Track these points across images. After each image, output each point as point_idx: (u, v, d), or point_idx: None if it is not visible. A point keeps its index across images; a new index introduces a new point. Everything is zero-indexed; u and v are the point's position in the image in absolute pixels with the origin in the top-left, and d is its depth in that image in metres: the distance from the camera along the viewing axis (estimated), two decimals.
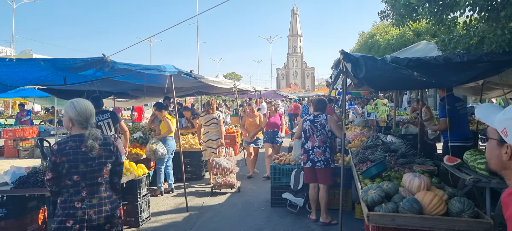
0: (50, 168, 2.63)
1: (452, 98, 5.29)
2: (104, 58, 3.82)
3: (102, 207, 2.69)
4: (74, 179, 2.62)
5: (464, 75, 3.61)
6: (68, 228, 2.57)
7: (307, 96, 38.57)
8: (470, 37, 3.95)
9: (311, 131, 5.32)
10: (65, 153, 2.60)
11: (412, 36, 13.72)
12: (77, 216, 2.59)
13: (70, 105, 2.71)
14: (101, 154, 2.72)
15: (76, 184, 2.63)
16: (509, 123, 1.31)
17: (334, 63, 4.27)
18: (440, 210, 3.19)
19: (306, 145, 5.37)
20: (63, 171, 2.61)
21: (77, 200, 2.62)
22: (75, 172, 2.62)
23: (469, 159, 4.00)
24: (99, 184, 2.72)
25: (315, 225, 5.24)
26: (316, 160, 5.20)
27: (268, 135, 8.19)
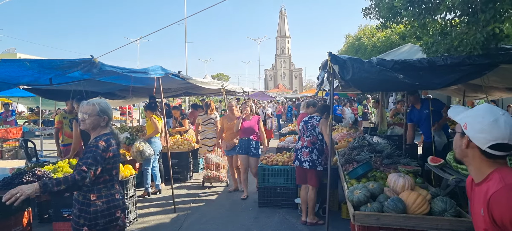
0: (99, 163, 2.64)
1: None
2: (92, 60, 3.79)
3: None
4: (113, 173, 2.83)
5: (447, 78, 3.69)
6: (117, 217, 2.80)
7: (295, 97, 38.76)
8: (451, 40, 4.05)
9: (303, 131, 5.38)
10: (112, 149, 2.75)
11: (398, 39, 13.94)
12: (121, 206, 2.85)
13: (107, 106, 2.85)
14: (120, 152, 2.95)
15: (112, 179, 2.82)
16: (469, 119, 1.61)
17: (322, 64, 4.32)
18: (424, 209, 3.27)
19: (297, 144, 5.47)
20: (108, 166, 2.74)
21: (116, 192, 2.85)
22: (115, 167, 2.83)
23: (451, 159, 4.09)
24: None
25: (301, 226, 5.28)
26: (303, 160, 5.24)
27: (241, 143, 6.65)
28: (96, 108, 2.78)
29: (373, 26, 16.32)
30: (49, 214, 5.43)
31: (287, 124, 16.76)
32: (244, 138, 6.59)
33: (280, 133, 11.47)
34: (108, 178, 2.78)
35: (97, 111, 2.78)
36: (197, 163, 9.09)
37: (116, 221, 2.79)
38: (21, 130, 12.84)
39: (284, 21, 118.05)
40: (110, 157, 2.73)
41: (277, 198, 6.08)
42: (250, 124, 6.61)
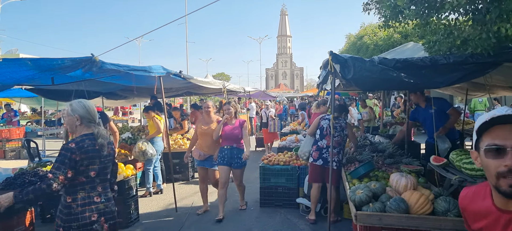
0: (68, 166, 2.59)
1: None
2: (92, 58, 3.79)
3: (113, 200, 2.90)
4: (91, 175, 2.72)
5: (450, 77, 3.67)
6: (94, 221, 2.67)
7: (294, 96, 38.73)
8: (454, 39, 4.02)
9: (329, 130, 5.24)
10: (84, 151, 2.66)
11: (399, 38, 13.90)
12: (100, 209, 2.72)
13: (78, 105, 2.77)
14: (110, 152, 2.86)
15: (92, 181, 2.73)
16: None
17: (323, 64, 4.30)
18: (426, 209, 3.25)
19: (320, 142, 5.32)
20: (81, 168, 2.66)
21: (95, 195, 2.74)
22: (92, 168, 2.71)
23: (455, 159, 4.07)
24: (108, 180, 2.90)
25: (303, 225, 5.27)
26: (329, 160, 5.15)
27: (222, 153, 5.51)
28: (69, 108, 2.75)
29: (375, 25, 16.27)
30: (51, 214, 5.44)
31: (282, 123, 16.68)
32: (226, 147, 5.50)
33: (281, 133, 11.45)
34: (84, 180, 2.69)
35: (68, 112, 2.74)
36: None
37: (91, 225, 2.66)
38: (24, 130, 12.88)
39: (285, 20, 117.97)
40: (82, 159, 2.64)
41: (278, 197, 6.07)
42: (233, 129, 5.51)
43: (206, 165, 5.75)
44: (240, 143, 5.56)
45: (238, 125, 5.56)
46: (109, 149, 2.84)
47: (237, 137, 5.50)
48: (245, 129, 5.55)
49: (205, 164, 5.76)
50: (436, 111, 5.30)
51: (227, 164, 5.49)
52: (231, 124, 5.54)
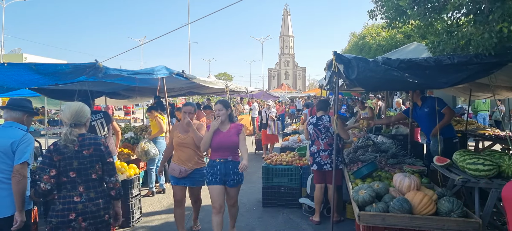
0: (49, 165, 2.79)
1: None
2: (96, 64, 3.80)
3: (99, 200, 2.92)
4: (71, 175, 2.84)
5: (454, 77, 3.66)
6: (71, 220, 2.79)
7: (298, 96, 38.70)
8: (457, 39, 4.01)
9: (316, 134, 5.26)
10: (58, 152, 2.82)
11: (402, 38, 13.88)
12: (78, 209, 2.82)
13: (65, 108, 2.97)
14: (92, 152, 2.90)
15: (72, 180, 2.85)
16: None
17: (327, 64, 4.30)
18: (430, 209, 3.25)
19: (312, 148, 5.32)
20: (61, 168, 2.82)
21: (76, 195, 2.84)
22: (70, 169, 2.83)
23: (458, 159, 4.06)
24: (94, 180, 2.93)
25: (306, 225, 5.26)
26: (323, 163, 5.16)
27: (214, 168, 4.22)
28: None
29: (378, 25, 16.25)
30: None
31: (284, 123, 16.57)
32: (218, 160, 4.21)
33: (284, 133, 11.44)
34: (65, 180, 2.83)
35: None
36: None
37: (69, 223, 2.78)
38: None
39: (287, 20, 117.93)
40: (59, 160, 2.79)
41: (281, 197, 6.07)
42: (228, 136, 4.24)
43: (188, 183, 4.61)
44: (237, 154, 4.32)
45: (234, 130, 4.27)
46: (91, 150, 2.89)
47: (232, 147, 4.24)
48: (242, 135, 4.30)
49: (186, 182, 4.61)
50: (430, 111, 5.30)
51: (221, 182, 4.22)
52: (224, 130, 4.27)
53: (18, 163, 3.00)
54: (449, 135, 5.32)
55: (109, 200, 3.01)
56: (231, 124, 4.34)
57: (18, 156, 3.02)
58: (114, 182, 3.01)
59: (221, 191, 4.23)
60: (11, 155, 3.04)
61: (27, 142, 3.10)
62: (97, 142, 2.96)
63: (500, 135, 7.72)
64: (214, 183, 4.21)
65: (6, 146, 3.03)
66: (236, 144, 4.24)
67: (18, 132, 3.14)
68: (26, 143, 3.08)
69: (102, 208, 2.92)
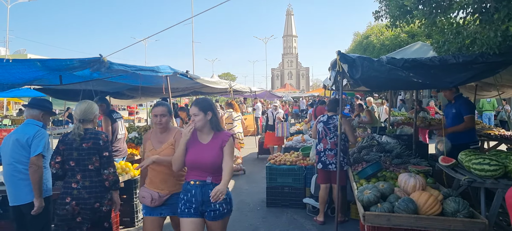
0: (56, 153, 3.30)
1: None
2: (101, 59, 3.82)
3: (93, 189, 3.24)
4: (71, 164, 3.25)
5: (459, 77, 3.64)
6: (66, 203, 3.20)
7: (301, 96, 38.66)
8: (463, 38, 3.99)
9: (324, 132, 5.24)
10: (64, 142, 3.30)
11: (407, 38, 13.81)
12: (73, 195, 3.22)
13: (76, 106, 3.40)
14: (90, 146, 3.25)
15: (72, 169, 3.26)
16: None
17: (331, 64, 4.29)
18: (435, 210, 3.22)
19: (318, 146, 5.30)
20: (64, 157, 3.27)
21: (74, 182, 3.24)
22: (70, 158, 3.25)
23: (464, 159, 4.03)
24: (90, 171, 3.26)
25: (310, 225, 5.25)
26: (328, 162, 5.13)
27: (187, 194, 3.04)
28: None
29: (381, 24, 16.18)
30: None
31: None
32: (193, 182, 3.05)
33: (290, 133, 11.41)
34: (67, 167, 3.28)
35: None
36: None
37: (65, 206, 3.20)
38: None
39: (291, 20, 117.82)
40: (64, 149, 3.27)
41: (285, 197, 6.05)
42: (208, 150, 3.09)
43: (166, 212, 3.43)
44: (220, 174, 3.00)
45: (218, 142, 3.10)
46: (90, 143, 3.24)
47: (213, 165, 3.04)
48: (228, 149, 3.08)
49: (163, 212, 3.41)
50: (456, 113, 5.11)
51: (197, 214, 3.04)
52: (204, 141, 3.14)
53: (34, 155, 3.36)
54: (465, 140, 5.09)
55: (103, 190, 3.29)
56: (214, 133, 3.16)
57: (33, 149, 3.38)
58: (107, 174, 3.29)
59: (197, 226, 3.03)
60: (28, 148, 3.42)
61: (41, 136, 3.46)
62: (97, 137, 3.29)
63: (506, 135, 7.66)
64: (187, 214, 3.04)
65: (23, 141, 3.42)
66: (218, 161, 3.04)
67: (33, 128, 3.51)
68: (39, 137, 3.44)
69: (94, 197, 3.23)
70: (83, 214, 3.21)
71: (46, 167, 3.50)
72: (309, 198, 5.74)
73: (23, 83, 4.62)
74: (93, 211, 3.22)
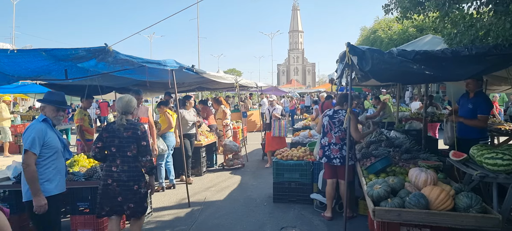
0: (98, 139, 3.73)
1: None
2: (106, 48, 3.78)
3: (131, 173, 3.70)
4: (112, 150, 3.71)
5: (472, 69, 3.54)
6: (108, 184, 3.68)
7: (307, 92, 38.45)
8: (476, 30, 3.89)
9: (329, 126, 5.18)
10: (107, 130, 3.75)
11: (415, 32, 13.64)
12: (114, 177, 3.68)
13: (118, 100, 3.83)
14: (130, 135, 3.71)
15: (113, 155, 3.71)
16: None
17: (340, 56, 4.20)
18: (447, 205, 3.15)
19: (323, 140, 5.24)
20: (106, 144, 3.72)
21: (114, 165, 3.70)
22: (111, 145, 3.71)
23: (475, 154, 3.94)
24: (129, 157, 3.71)
25: (318, 221, 5.19)
26: (332, 157, 5.07)
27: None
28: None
29: (389, 19, 16.00)
30: (65, 209, 5.45)
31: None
32: None
33: (294, 128, 11.34)
34: (108, 153, 3.73)
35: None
36: (211, 158, 9.05)
37: (107, 186, 3.67)
38: None
39: (297, 15, 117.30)
40: (107, 137, 3.72)
41: (292, 193, 5.99)
42: None
43: None
44: None
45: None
46: (129, 132, 3.69)
47: None
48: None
49: None
50: (472, 109, 4.87)
51: None
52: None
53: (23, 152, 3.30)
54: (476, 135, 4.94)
55: (140, 174, 3.76)
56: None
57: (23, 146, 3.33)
58: (145, 161, 3.74)
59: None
60: None
61: (29, 131, 3.34)
62: (136, 127, 3.74)
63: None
64: None
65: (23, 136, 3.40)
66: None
67: (31, 123, 3.46)
68: (27, 133, 3.34)
69: (132, 180, 3.69)
70: (123, 194, 3.69)
71: (43, 165, 3.38)
72: (316, 193, 5.68)
73: (29, 75, 4.60)
74: (132, 192, 3.71)
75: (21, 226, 4.73)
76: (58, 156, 3.50)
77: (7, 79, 4.62)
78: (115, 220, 3.78)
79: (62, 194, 3.66)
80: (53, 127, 3.56)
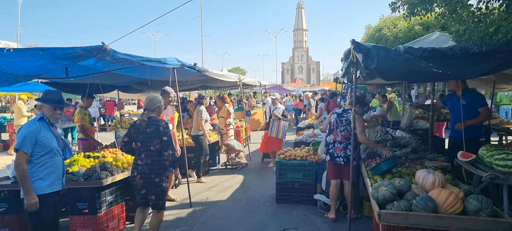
0: (126, 135, 4.14)
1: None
2: (103, 47, 3.71)
3: (153, 166, 3.99)
4: (137, 145, 4.05)
5: (482, 67, 3.41)
6: (134, 176, 4.06)
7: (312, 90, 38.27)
8: (486, 26, 3.76)
9: (336, 124, 5.07)
10: (134, 126, 4.10)
11: (421, 30, 13.45)
12: (138, 170, 4.03)
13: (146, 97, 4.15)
14: (152, 131, 3.98)
15: (138, 149, 4.06)
16: None
17: (344, 54, 4.09)
18: (456, 208, 3.03)
19: (328, 137, 5.14)
20: (132, 138, 4.09)
21: (139, 159, 4.05)
22: (137, 140, 4.05)
23: (485, 154, 3.82)
24: (152, 151, 4.00)
25: (321, 222, 5.08)
26: (336, 155, 4.97)
27: None
28: None
29: (394, 16, 15.81)
30: (65, 208, 5.39)
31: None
32: None
33: (298, 127, 11.22)
34: (135, 147, 4.10)
35: None
36: (214, 157, 8.96)
37: (134, 178, 4.07)
38: None
39: (301, 13, 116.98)
40: (133, 132, 4.07)
41: (295, 193, 5.88)
42: None
43: None
44: None
45: None
46: (152, 128, 3.96)
47: None
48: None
49: None
50: (467, 105, 4.86)
51: None
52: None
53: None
54: (475, 133, 4.95)
55: (162, 168, 4.03)
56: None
57: None
58: (167, 155, 3.98)
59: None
60: None
61: (20, 130, 3.32)
62: (158, 124, 3.99)
63: None
64: None
65: None
66: None
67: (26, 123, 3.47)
68: (19, 132, 3.32)
69: (154, 173, 3.98)
70: (146, 187, 4.02)
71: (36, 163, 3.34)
72: (320, 194, 5.57)
73: (28, 73, 4.53)
74: (154, 185, 4.01)
75: (21, 225, 4.67)
76: (53, 155, 3.41)
77: (5, 77, 4.55)
78: (140, 210, 4.20)
79: (60, 193, 3.57)
80: (51, 126, 3.48)
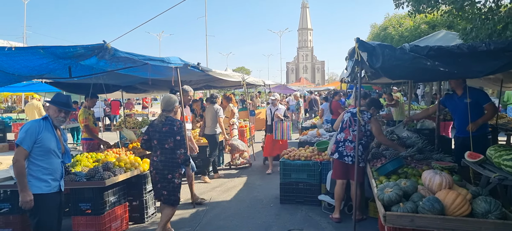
0: (145, 133, 4.52)
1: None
2: (104, 45, 3.66)
3: (167, 163, 4.33)
4: (154, 142, 4.39)
5: (490, 65, 3.32)
6: (151, 170, 4.47)
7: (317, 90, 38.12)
8: (493, 24, 3.67)
9: (349, 122, 5.01)
10: (152, 126, 4.46)
11: (427, 28, 13.30)
12: (154, 166, 4.41)
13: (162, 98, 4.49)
14: (167, 130, 4.29)
15: (155, 146, 4.41)
16: None
17: (349, 53, 4.02)
18: (464, 210, 2.95)
19: (339, 135, 5.06)
20: (150, 136, 4.43)
21: (155, 156, 4.41)
22: (154, 138, 4.38)
23: (493, 155, 3.73)
24: (166, 149, 4.32)
25: (326, 223, 5.02)
26: (345, 154, 4.90)
27: None
28: None
29: (400, 15, 15.66)
30: (68, 208, 5.37)
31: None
32: None
33: (303, 127, 11.15)
34: (152, 145, 4.43)
35: None
36: (218, 157, 8.90)
37: (151, 172, 4.48)
38: None
39: (306, 13, 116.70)
40: (151, 131, 4.42)
41: (299, 194, 5.82)
42: None
43: None
44: None
45: None
46: (167, 128, 4.28)
47: None
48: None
49: None
50: (471, 103, 4.74)
51: None
52: None
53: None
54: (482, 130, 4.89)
55: (175, 165, 4.33)
56: None
57: None
58: (179, 153, 4.30)
59: None
60: None
61: (23, 128, 3.35)
62: (173, 124, 4.30)
63: None
64: None
65: None
66: None
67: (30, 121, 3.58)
68: (21, 129, 3.34)
69: (167, 169, 4.31)
70: (161, 182, 4.35)
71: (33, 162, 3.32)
72: (324, 195, 5.51)
73: (30, 73, 4.50)
74: (167, 181, 4.32)
75: (24, 225, 4.66)
76: (50, 156, 3.38)
77: (8, 78, 4.53)
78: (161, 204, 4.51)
79: (60, 194, 3.55)
80: (54, 128, 3.45)
